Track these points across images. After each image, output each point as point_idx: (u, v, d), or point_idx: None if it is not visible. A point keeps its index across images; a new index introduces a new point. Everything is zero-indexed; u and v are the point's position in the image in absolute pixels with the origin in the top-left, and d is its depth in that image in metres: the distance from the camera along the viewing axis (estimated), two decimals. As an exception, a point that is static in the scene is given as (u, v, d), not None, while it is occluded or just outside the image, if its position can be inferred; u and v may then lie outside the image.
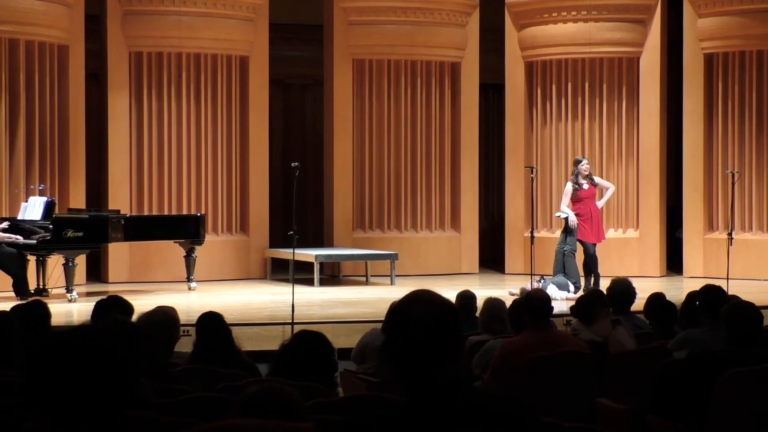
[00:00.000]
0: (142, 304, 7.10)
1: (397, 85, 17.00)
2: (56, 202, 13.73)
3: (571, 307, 7.15)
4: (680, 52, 16.53)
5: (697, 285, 7.35)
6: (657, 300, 7.55)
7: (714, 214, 16.24)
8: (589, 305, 6.85)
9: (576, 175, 13.73)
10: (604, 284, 9.60)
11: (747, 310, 5.27)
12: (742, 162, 15.97)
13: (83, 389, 2.57)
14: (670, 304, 7.52)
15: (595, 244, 13.72)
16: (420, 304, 2.68)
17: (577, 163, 13.94)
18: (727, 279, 12.49)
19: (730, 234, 13.98)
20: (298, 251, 13.22)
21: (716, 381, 4.93)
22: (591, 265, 13.66)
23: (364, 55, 16.83)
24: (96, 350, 2.60)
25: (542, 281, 13.55)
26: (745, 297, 6.39)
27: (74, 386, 2.57)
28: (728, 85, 16.14)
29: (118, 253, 15.27)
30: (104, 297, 6.36)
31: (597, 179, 14.08)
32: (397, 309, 2.70)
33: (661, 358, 5.89)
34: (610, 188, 14.33)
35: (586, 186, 13.67)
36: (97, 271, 15.60)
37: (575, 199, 13.65)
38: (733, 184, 14.56)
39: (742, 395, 4.97)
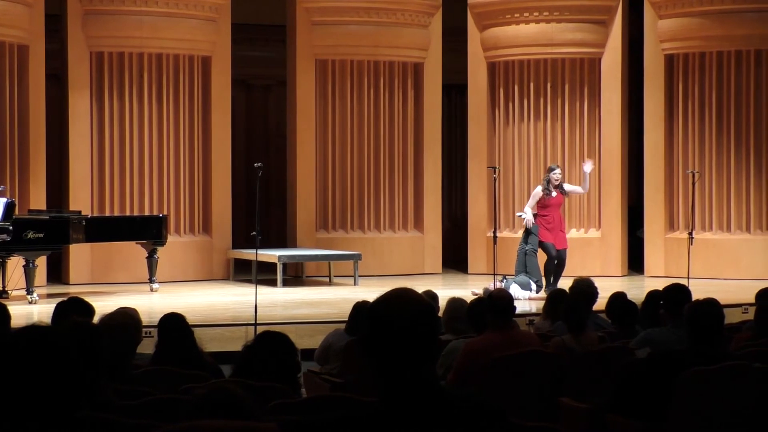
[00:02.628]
0: (104, 305, 7.04)
1: (360, 85, 16.99)
2: (16, 203, 13.60)
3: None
4: (641, 53, 16.63)
5: (658, 284, 7.38)
6: (618, 299, 7.58)
7: (675, 213, 16.35)
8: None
9: (547, 181, 13.67)
10: (566, 284, 9.61)
11: (708, 309, 5.28)
12: (702, 162, 16.09)
13: (36, 389, 2.54)
14: (632, 303, 7.55)
15: (562, 248, 13.65)
16: (402, 302, 2.65)
17: (549, 170, 13.84)
18: (688, 278, 12.56)
19: (690, 233, 14.07)
20: (261, 252, 13.17)
21: (677, 380, 4.95)
22: (556, 269, 13.61)
23: (327, 55, 16.81)
24: (47, 349, 2.58)
25: (505, 281, 13.58)
26: (705, 297, 6.42)
27: (26, 386, 2.54)
28: (688, 86, 16.25)
29: (80, 254, 15.16)
30: (65, 298, 6.30)
31: (567, 188, 13.99)
32: (378, 307, 2.65)
33: (623, 357, 5.92)
34: (579, 189, 14.34)
35: (554, 194, 13.63)
36: (58, 273, 15.48)
37: (542, 205, 13.60)
38: (693, 184, 14.67)
39: (703, 394, 5.00)
